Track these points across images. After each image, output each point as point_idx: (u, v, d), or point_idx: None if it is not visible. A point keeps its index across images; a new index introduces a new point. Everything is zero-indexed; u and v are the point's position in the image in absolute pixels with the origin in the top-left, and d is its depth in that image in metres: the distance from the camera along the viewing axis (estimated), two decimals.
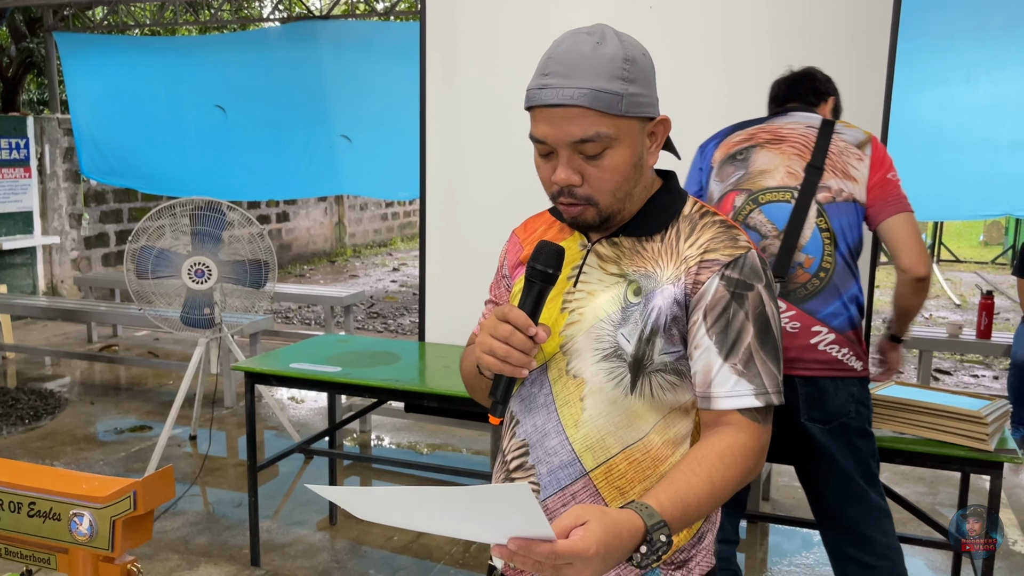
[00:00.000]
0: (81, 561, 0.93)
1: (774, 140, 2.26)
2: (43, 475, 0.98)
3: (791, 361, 2.10)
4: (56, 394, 5.49)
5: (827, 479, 2.17)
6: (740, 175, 2.26)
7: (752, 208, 2.21)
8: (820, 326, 2.11)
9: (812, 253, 2.13)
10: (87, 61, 7.69)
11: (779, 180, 2.20)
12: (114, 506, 0.89)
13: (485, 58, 3.44)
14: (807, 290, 2.13)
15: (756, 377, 1.17)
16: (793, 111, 2.33)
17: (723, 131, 2.38)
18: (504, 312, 1.15)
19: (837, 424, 2.12)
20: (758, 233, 2.19)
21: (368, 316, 8.35)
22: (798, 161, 2.20)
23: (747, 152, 2.28)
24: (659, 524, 1.02)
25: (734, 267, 1.19)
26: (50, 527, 0.94)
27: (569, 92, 1.12)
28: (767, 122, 2.33)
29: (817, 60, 3.03)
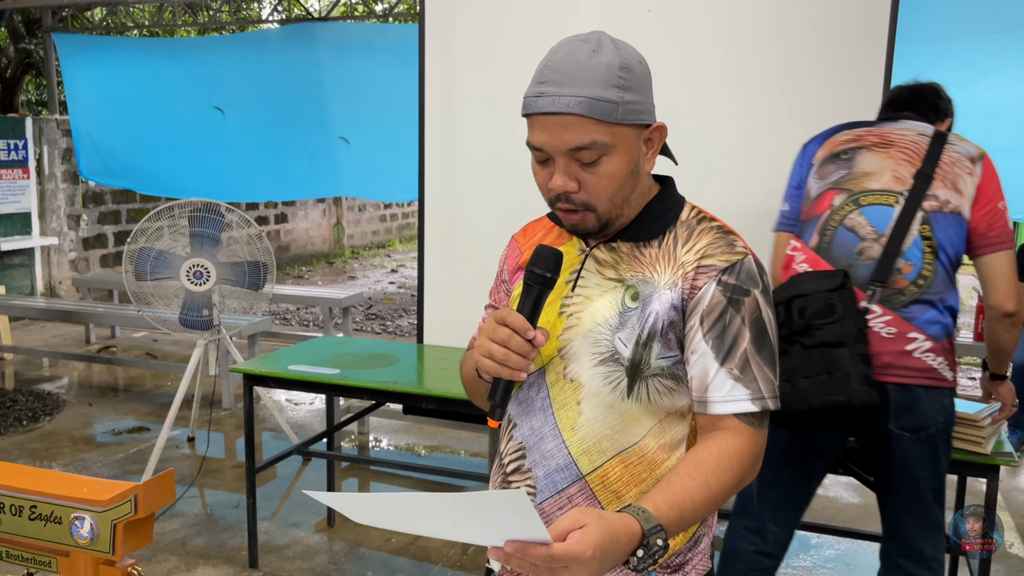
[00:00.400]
0: (82, 564, 0.93)
1: (882, 144, 2.22)
2: (44, 478, 0.98)
3: (884, 367, 2.06)
4: (54, 395, 5.49)
5: (899, 487, 2.13)
6: (842, 174, 2.23)
7: (852, 209, 2.17)
8: (916, 332, 2.07)
9: (912, 260, 2.09)
10: (86, 62, 7.69)
11: (884, 183, 2.16)
12: (115, 509, 0.90)
13: (484, 60, 3.45)
14: (904, 296, 2.09)
15: (752, 382, 1.17)
16: (906, 119, 2.30)
17: (827, 131, 2.36)
18: (503, 316, 1.16)
19: (926, 434, 2.08)
20: (855, 235, 2.15)
21: (367, 318, 8.36)
22: (906, 167, 2.16)
23: (852, 152, 2.24)
24: (656, 528, 1.03)
25: (731, 273, 1.19)
26: (51, 530, 0.94)
27: (565, 100, 1.13)
28: (876, 126, 2.30)
29: (815, 62, 3.04)
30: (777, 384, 1.20)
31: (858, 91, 3.00)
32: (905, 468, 2.10)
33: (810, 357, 2.00)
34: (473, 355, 1.24)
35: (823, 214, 2.22)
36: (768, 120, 3.12)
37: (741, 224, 1.75)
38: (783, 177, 3.03)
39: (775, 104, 3.11)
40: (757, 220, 3.04)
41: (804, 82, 3.07)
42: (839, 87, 3.03)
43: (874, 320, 2.08)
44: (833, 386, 1.95)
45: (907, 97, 2.39)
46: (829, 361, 1.97)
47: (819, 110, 3.04)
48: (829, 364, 1.97)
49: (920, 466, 2.10)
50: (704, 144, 3.16)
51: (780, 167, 3.08)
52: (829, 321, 2.00)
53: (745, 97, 3.15)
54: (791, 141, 3.07)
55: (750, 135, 3.15)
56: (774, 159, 3.11)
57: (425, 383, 3.01)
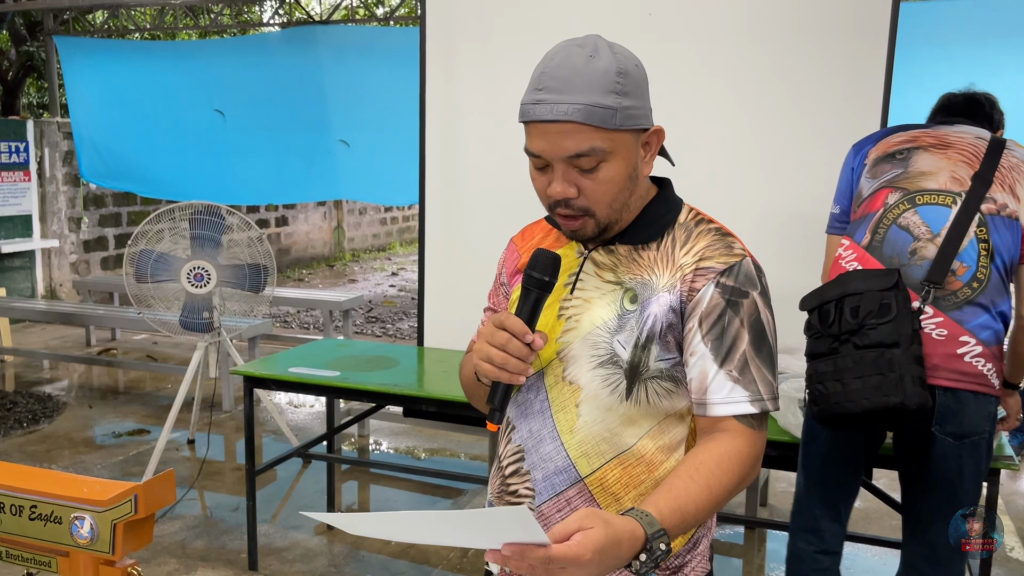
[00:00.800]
0: (82, 564, 0.93)
1: (939, 145, 2.20)
2: (45, 478, 0.98)
3: (933, 368, 2.02)
4: (54, 397, 5.49)
5: (934, 491, 2.09)
6: (897, 173, 2.20)
7: (907, 208, 2.14)
8: (968, 336, 2.03)
9: (967, 262, 2.06)
10: (87, 65, 7.70)
11: (941, 184, 2.13)
12: (115, 509, 0.90)
13: (485, 64, 3.46)
14: (957, 298, 2.05)
15: (751, 384, 1.18)
16: (961, 123, 2.28)
17: (881, 131, 2.34)
18: (501, 319, 1.16)
19: (970, 442, 2.04)
20: (909, 234, 2.12)
21: (367, 320, 8.36)
22: (964, 168, 2.13)
23: (908, 152, 2.22)
24: (659, 533, 1.02)
25: (729, 274, 1.20)
26: (51, 530, 0.94)
27: (564, 108, 1.13)
28: (932, 127, 2.28)
29: (815, 66, 3.05)
30: (776, 385, 1.20)
31: (858, 95, 3.01)
32: (944, 473, 2.06)
33: (863, 357, 1.96)
34: (472, 358, 1.25)
35: (876, 212, 2.19)
36: (768, 124, 3.13)
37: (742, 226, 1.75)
38: (783, 180, 3.04)
39: (775, 108, 3.11)
40: (757, 222, 3.05)
41: (804, 86, 3.07)
42: (839, 91, 3.04)
43: (926, 321, 2.04)
44: (887, 387, 1.92)
45: (961, 104, 2.38)
46: (884, 362, 1.93)
47: (819, 114, 3.06)
48: (883, 365, 1.93)
49: (958, 473, 2.06)
50: (704, 147, 3.17)
51: (780, 170, 3.10)
52: (884, 321, 1.97)
53: (745, 101, 3.15)
54: (792, 145, 3.08)
55: (750, 139, 3.16)
56: (774, 163, 3.12)
57: (425, 386, 3.01)
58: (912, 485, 2.16)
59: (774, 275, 1.37)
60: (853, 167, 2.35)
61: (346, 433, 4.89)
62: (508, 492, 1.30)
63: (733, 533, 3.74)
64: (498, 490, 1.33)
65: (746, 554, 3.59)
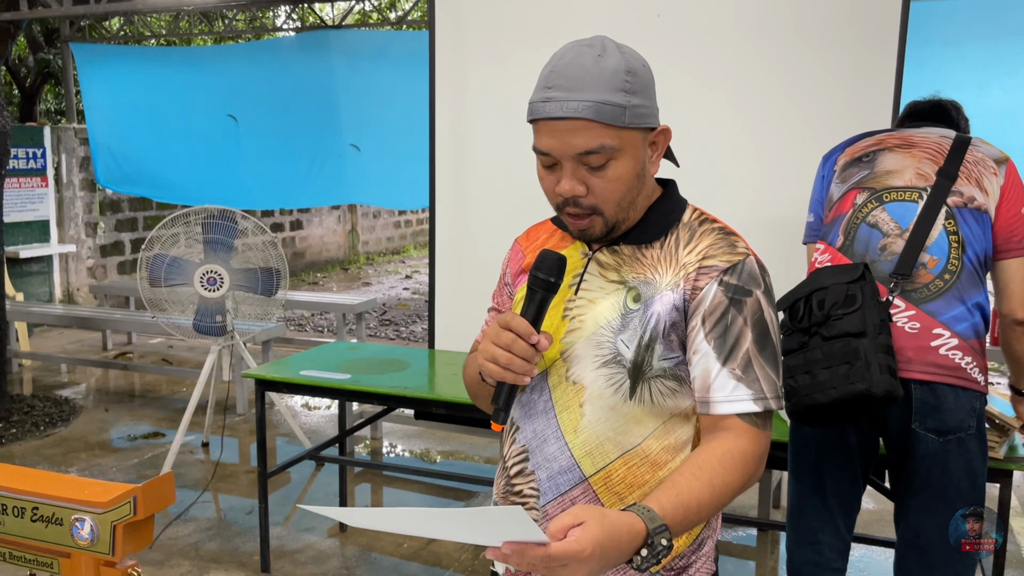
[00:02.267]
0: (83, 565, 0.94)
1: (904, 144, 2.22)
2: (46, 480, 0.99)
3: (907, 362, 2.00)
4: (71, 401, 5.54)
5: (920, 491, 2.04)
6: (864, 174, 2.21)
7: (875, 206, 2.15)
8: (942, 329, 2.01)
9: (937, 255, 2.06)
10: (103, 71, 7.78)
11: (907, 180, 2.14)
12: (115, 511, 0.90)
13: (494, 66, 3.46)
14: (929, 291, 2.04)
15: (755, 382, 1.17)
16: (927, 126, 2.29)
17: (848, 140, 2.35)
18: (506, 320, 1.16)
19: (955, 438, 2.00)
20: (879, 231, 2.12)
21: (380, 323, 8.38)
22: (929, 164, 2.14)
23: (873, 155, 2.24)
24: (660, 528, 1.02)
25: (732, 273, 1.19)
26: (53, 532, 0.95)
27: (573, 105, 1.14)
28: (898, 130, 2.30)
29: (825, 66, 3.03)
30: (780, 384, 1.20)
31: (869, 96, 2.99)
32: (929, 472, 2.02)
33: (831, 348, 1.96)
34: (476, 359, 1.25)
35: (846, 213, 2.20)
36: (778, 125, 3.11)
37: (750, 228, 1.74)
38: (793, 182, 3.03)
39: (785, 109, 3.10)
40: (767, 225, 3.03)
41: (813, 87, 3.06)
42: (849, 92, 3.02)
43: (897, 315, 2.04)
44: (854, 375, 1.90)
45: (927, 110, 2.39)
46: (850, 351, 1.92)
47: (829, 115, 3.04)
48: (849, 354, 1.92)
49: (944, 471, 2.01)
50: (714, 149, 3.16)
51: (790, 172, 3.08)
52: (850, 311, 1.96)
53: (755, 102, 3.14)
54: (801, 146, 3.07)
55: (760, 140, 3.15)
56: (784, 164, 3.11)
57: (435, 388, 3.02)
58: (900, 486, 2.12)
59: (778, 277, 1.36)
60: (823, 175, 2.35)
61: (359, 436, 4.90)
62: (513, 492, 1.30)
63: (746, 535, 3.72)
64: (503, 490, 1.33)
65: (759, 556, 3.57)
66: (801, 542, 2.22)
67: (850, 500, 2.19)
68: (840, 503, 2.18)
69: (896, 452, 2.09)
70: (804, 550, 2.21)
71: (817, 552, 2.19)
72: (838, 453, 2.15)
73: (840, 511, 2.18)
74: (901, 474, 2.10)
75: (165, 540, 3.52)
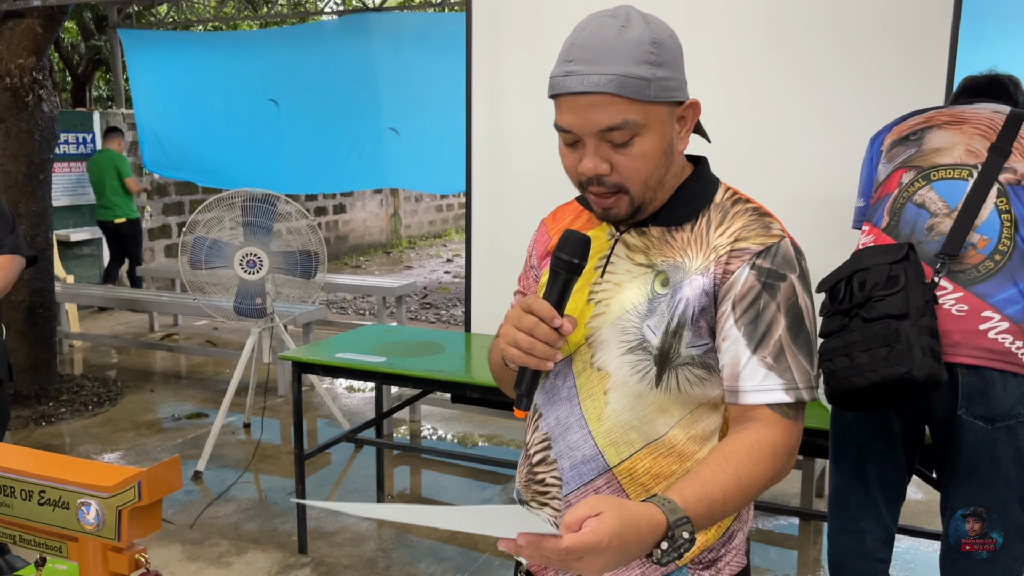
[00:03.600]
0: (91, 550, 0.93)
1: (954, 121, 2.12)
2: (53, 463, 0.98)
3: (953, 346, 1.91)
4: (118, 381, 5.65)
5: (967, 481, 1.96)
6: (911, 153, 2.13)
7: (921, 185, 2.06)
8: (992, 312, 1.91)
9: (988, 234, 1.96)
10: (150, 57, 7.88)
11: (956, 158, 2.05)
12: (119, 496, 0.89)
13: (532, 48, 3.41)
14: (978, 272, 1.95)
15: (787, 371, 1.12)
16: (981, 102, 2.19)
17: (896, 119, 2.27)
18: (529, 303, 1.13)
19: (1004, 426, 1.91)
20: (926, 211, 2.04)
21: (421, 307, 8.41)
22: (981, 141, 2.05)
23: (921, 132, 2.15)
24: (682, 520, 0.98)
25: (766, 256, 1.14)
26: (60, 515, 0.94)
27: (595, 79, 1.08)
28: (948, 107, 2.21)
29: (875, 42, 2.92)
30: (814, 375, 1.14)
31: (921, 73, 2.87)
32: (976, 460, 1.93)
33: (871, 330, 1.88)
34: (500, 343, 1.21)
35: (892, 193, 2.12)
36: (824, 104, 3.01)
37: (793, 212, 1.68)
38: (841, 164, 2.93)
39: (832, 86, 2.99)
40: (812, 208, 2.95)
41: (862, 63, 2.95)
42: (900, 69, 2.91)
43: (944, 296, 1.95)
44: (894, 358, 1.82)
45: (983, 85, 2.29)
46: (890, 333, 1.84)
47: (879, 93, 2.93)
48: (890, 336, 1.84)
49: (992, 459, 1.92)
50: (755, 129, 3.07)
51: (837, 153, 2.99)
52: (892, 292, 1.88)
53: (800, 79, 3.04)
54: (847, 126, 2.96)
55: (805, 119, 3.05)
56: (831, 145, 3.01)
57: (471, 372, 3.00)
58: (946, 476, 2.03)
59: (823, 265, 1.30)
60: (871, 157, 2.27)
61: (399, 418, 4.92)
62: (535, 481, 1.27)
63: (788, 524, 3.65)
64: (525, 479, 1.30)
65: (801, 546, 3.50)
66: (843, 531, 2.15)
67: (894, 488, 2.12)
68: (884, 491, 2.11)
69: (941, 440, 2.01)
70: (846, 539, 2.15)
71: (859, 541, 2.13)
72: (881, 440, 2.07)
73: (884, 499, 2.11)
74: (947, 463, 2.01)
75: (205, 519, 3.58)
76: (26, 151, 4.93)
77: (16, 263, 2.67)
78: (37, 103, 4.96)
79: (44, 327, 5.16)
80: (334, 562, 3.25)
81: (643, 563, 1.18)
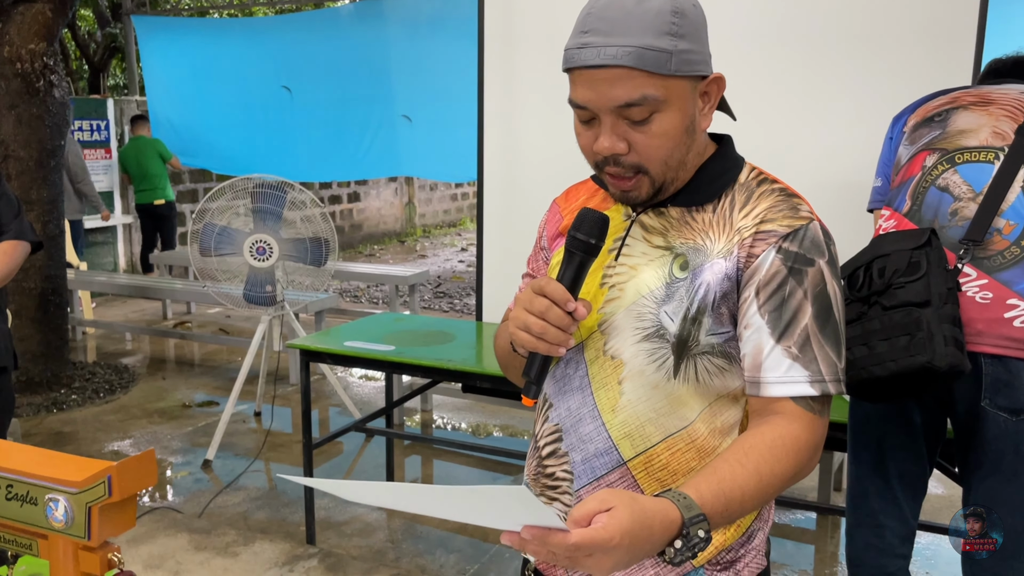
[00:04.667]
0: (61, 548, 0.87)
1: (981, 102, 2.04)
2: (21, 455, 0.92)
3: (977, 335, 1.85)
4: (131, 369, 5.64)
5: (991, 474, 1.89)
6: (935, 135, 2.05)
7: (946, 168, 1.98)
8: (1017, 299, 1.84)
9: (1014, 220, 1.88)
10: (163, 44, 7.85)
11: (982, 140, 1.97)
12: (89, 491, 0.83)
13: (546, 29, 3.33)
14: (1004, 259, 1.87)
15: (812, 362, 1.04)
16: (1008, 82, 2.11)
17: (919, 100, 2.19)
18: (541, 285, 1.06)
19: None
20: (950, 195, 1.96)
21: (435, 296, 8.35)
22: (1008, 123, 1.97)
23: (946, 114, 2.07)
24: (698, 517, 0.91)
25: (793, 239, 1.06)
26: (28, 512, 0.88)
27: (612, 51, 1.01)
28: (975, 87, 2.13)
29: (901, 22, 2.83)
30: (842, 367, 1.07)
31: (947, 55, 2.77)
32: (1001, 453, 1.86)
33: (891, 318, 1.80)
34: (508, 327, 1.15)
35: (914, 176, 2.03)
36: (849, 85, 2.92)
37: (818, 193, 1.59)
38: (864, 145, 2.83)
39: (858, 67, 2.90)
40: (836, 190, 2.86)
41: (888, 44, 2.85)
42: (926, 50, 2.81)
43: (968, 284, 1.87)
44: (915, 347, 1.75)
45: (1010, 67, 2.19)
46: (911, 322, 1.77)
47: (905, 74, 2.83)
48: (911, 325, 1.77)
49: (1016, 451, 1.85)
50: (779, 107, 2.98)
51: (861, 135, 2.89)
52: (913, 279, 1.81)
53: (825, 59, 2.95)
54: (872, 110, 2.87)
55: (830, 100, 2.96)
56: (855, 126, 2.92)
57: (482, 361, 2.93)
58: (968, 469, 1.95)
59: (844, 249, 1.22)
60: (892, 137, 2.18)
61: (410, 408, 4.87)
62: (545, 475, 1.20)
63: (804, 518, 3.58)
64: (535, 472, 1.23)
65: (818, 540, 3.43)
66: (861, 525, 2.08)
67: (915, 482, 2.05)
68: (904, 485, 2.03)
69: (964, 432, 1.93)
70: (865, 533, 2.08)
71: (879, 536, 2.05)
72: (901, 432, 2.00)
73: (904, 494, 2.04)
74: (970, 455, 1.93)
75: (214, 508, 3.54)
76: (38, 137, 4.90)
77: (21, 248, 2.63)
78: (48, 89, 4.92)
79: (56, 314, 5.14)
80: (343, 553, 3.20)
81: (657, 562, 1.11)
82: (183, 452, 4.16)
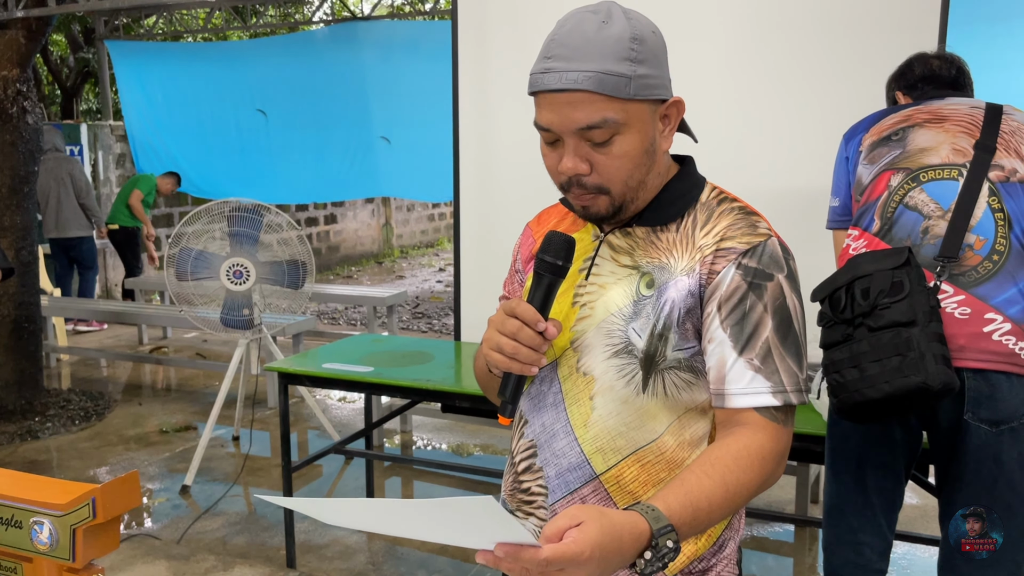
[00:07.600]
0: (45, 571, 0.89)
1: (935, 119, 2.09)
2: (6, 479, 0.93)
3: (959, 350, 1.88)
4: (106, 395, 5.59)
5: (970, 484, 1.92)
6: (896, 154, 2.09)
7: (912, 187, 2.02)
8: (994, 313, 1.88)
9: (984, 234, 1.93)
10: (138, 68, 7.85)
11: (943, 157, 2.01)
12: (73, 514, 0.85)
13: (518, 53, 3.38)
14: (978, 274, 1.92)
15: (774, 373, 1.08)
16: (951, 95, 2.17)
17: (871, 117, 2.23)
18: (512, 307, 1.09)
19: (1008, 428, 1.87)
20: (919, 213, 2.00)
21: (413, 316, 8.36)
22: (965, 139, 2.02)
23: (903, 132, 2.11)
24: (666, 528, 0.94)
25: (752, 255, 1.11)
26: (12, 535, 0.89)
27: (573, 76, 1.05)
28: (923, 103, 2.17)
29: (861, 42, 2.91)
30: (803, 377, 1.11)
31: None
32: (981, 464, 1.90)
33: (879, 340, 1.83)
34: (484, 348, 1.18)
35: (881, 196, 2.07)
36: (811, 103, 2.99)
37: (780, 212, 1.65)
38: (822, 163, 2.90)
39: (819, 87, 2.97)
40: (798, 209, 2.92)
41: (847, 64, 2.93)
42: (885, 71, 2.88)
43: (946, 300, 1.91)
44: (908, 367, 1.77)
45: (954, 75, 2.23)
46: (901, 342, 1.79)
47: (866, 95, 2.90)
48: (901, 345, 1.79)
49: (996, 462, 1.89)
50: (738, 126, 3.05)
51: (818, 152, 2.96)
52: (897, 299, 1.83)
53: (784, 78, 3.02)
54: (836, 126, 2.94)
55: (791, 118, 3.03)
56: (817, 144, 2.98)
57: (461, 381, 2.96)
58: (948, 482, 1.98)
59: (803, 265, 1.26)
60: (847, 156, 2.21)
61: (390, 429, 4.87)
62: (520, 490, 1.23)
63: (783, 531, 3.61)
64: (511, 488, 1.26)
65: (796, 553, 3.46)
66: (841, 542, 2.10)
67: (893, 497, 2.08)
68: (883, 501, 2.06)
69: (944, 446, 1.96)
70: (844, 551, 2.10)
71: (858, 553, 2.08)
72: (883, 449, 2.03)
73: (882, 509, 2.07)
74: (951, 466, 1.96)
75: (193, 534, 3.52)
76: (10, 164, 4.88)
77: None
78: (21, 115, 4.91)
79: (29, 341, 5.09)
80: None
81: (630, 574, 1.14)
82: (161, 478, 4.13)
